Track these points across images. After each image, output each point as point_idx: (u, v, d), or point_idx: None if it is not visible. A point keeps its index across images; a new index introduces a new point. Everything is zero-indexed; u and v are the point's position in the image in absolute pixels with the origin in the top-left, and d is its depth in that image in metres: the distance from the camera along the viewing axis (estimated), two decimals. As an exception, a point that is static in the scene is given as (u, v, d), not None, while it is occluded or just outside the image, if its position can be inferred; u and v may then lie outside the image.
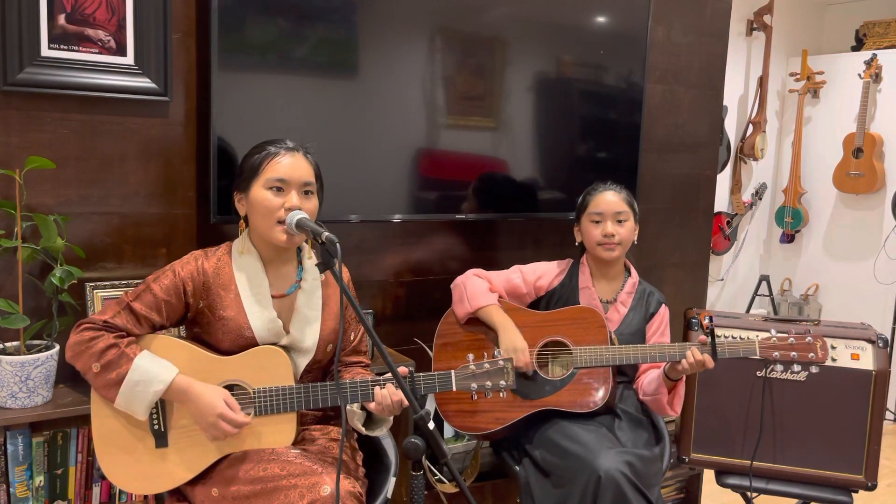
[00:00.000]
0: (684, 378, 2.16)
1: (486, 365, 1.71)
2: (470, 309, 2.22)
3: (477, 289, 2.24)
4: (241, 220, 1.78)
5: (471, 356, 1.76)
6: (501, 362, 1.70)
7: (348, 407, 1.73)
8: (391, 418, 1.74)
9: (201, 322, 1.73)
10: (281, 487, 1.54)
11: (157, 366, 1.62)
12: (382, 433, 1.78)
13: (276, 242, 1.70)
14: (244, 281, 1.73)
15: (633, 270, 2.35)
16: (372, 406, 1.69)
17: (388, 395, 1.66)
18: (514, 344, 2.14)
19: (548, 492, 2.02)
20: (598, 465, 1.91)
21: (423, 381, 1.71)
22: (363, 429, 1.74)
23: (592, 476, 1.90)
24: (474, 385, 1.71)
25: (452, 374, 1.71)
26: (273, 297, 1.75)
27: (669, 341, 2.29)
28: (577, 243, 2.35)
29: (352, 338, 1.89)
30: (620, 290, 2.30)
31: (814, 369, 2.05)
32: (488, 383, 1.71)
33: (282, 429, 1.69)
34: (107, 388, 1.61)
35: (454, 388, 1.71)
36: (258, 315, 1.72)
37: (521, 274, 2.33)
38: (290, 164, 1.70)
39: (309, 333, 1.76)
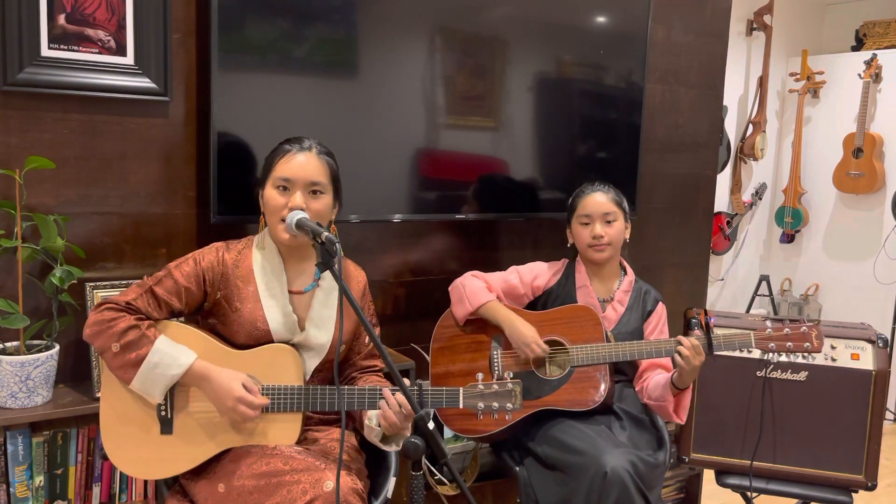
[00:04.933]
0: (691, 387, 2.16)
1: (495, 386, 1.71)
2: (471, 308, 2.22)
3: (476, 287, 2.24)
4: (262, 216, 1.80)
5: (480, 375, 1.76)
6: (510, 385, 1.70)
7: (366, 422, 1.74)
8: (408, 433, 1.72)
9: (217, 313, 1.75)
10: (284, 482, 1.55)
11: (176, 349, 1.64)
12: (399, 448, 1.76)
13: (280, 240, 1.72)
14: (263, 275, 1.75)
15: (628, 269, 2.35)
16: (382, 420, 1.69)
17: (396, 402, 1.65)
18: (524, 338, 2.14)
19: (550, 488, 2.02)
20: (605, 461, 1.91)
21: (430, 396, 1.71)
22: (381, 444, 1.74)
23: (599, 472, 1.90)
24: (481, 405, 1.71)
25: (461, 391, 1.72)
26: (291, 293, 1.77)
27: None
28: (568, 245, 2.35)
29: (366, 341, 1.89)
30: (617, 289, 2.30)
31: (812, 359, 2.05)
32: (495, 404, 1.71)
33: (286, 427, 1.70)
34: (124, 368, 1.62)
35: (461, 406, 1.71)
36: (274, 309, 1.73)
37: (517, 274, 2.33)
38: (297, 164, 1.71)
39: (323, 332, 1.77)
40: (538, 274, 2.33)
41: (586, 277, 2.29)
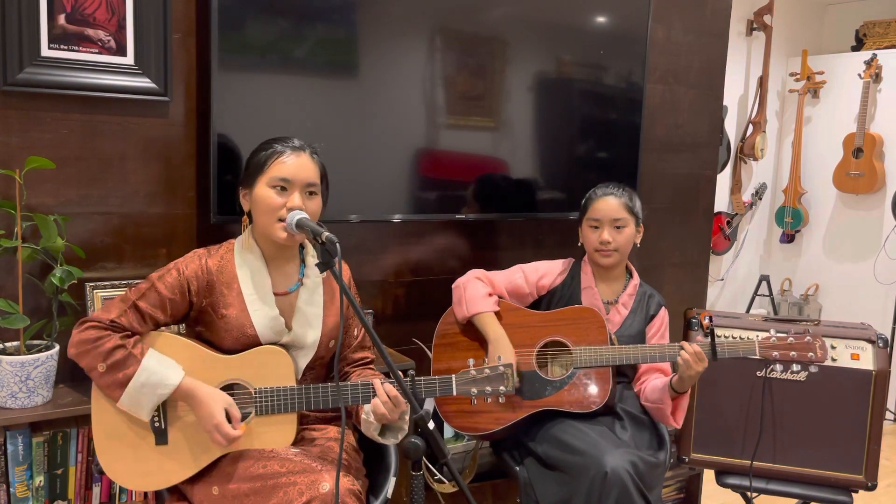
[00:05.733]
0: (689, 391, 2.16)
1: (487, 370, 1.71)
2: (466, 314, 2.22)
3: (476, 293, 2.23)
4: (245, 216, 1.79)
5: (471, 361, 1.77)
6: (502, 368, 1.71)
7: (363, 416, 1.74)
8: (406, 426, 1.73)
9: (204, 320, 1.74)
10: (281, 485, 1.55)
11: (163, 368, 1.63)
12: (397, 441, 1.77)
13: (276, 240, 1.71)
14: (247, 279, 1.74)
15: (634, 272, 2.34)
16: (373, 410, 1.69)
17: (384, 391, 1.66)
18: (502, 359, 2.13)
19: (550, 488, 2.02)
20: (605, 461, 1.91)
21: (423, 385, 1.71)
22: (379, 438, 1.74)
23: (599, 472, 1.90)
24: (474, 390, 1.71)
25: (453, 378, 1.72)
26: (275, 294, 1.76)
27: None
28: (579, 244, 2.35)
29: (355, 333, 1.89)
30: (622, 292, 2.29)
31: (813, 369, 2.05)
32: (488, 388, 1.71)
33: (282, 429, 1.70)
34: (112, 388, 1.61)
35: (455, 393, 1.72)
36: (260, 312, 1.72)
37: (523, 273, 2.32)
38: (294, 165, 1.71)
39: (311, 330, 1.77)
40: (544, 273, 2.33)
41: (592, 279, 2.29)
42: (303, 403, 1.70)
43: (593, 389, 2.12)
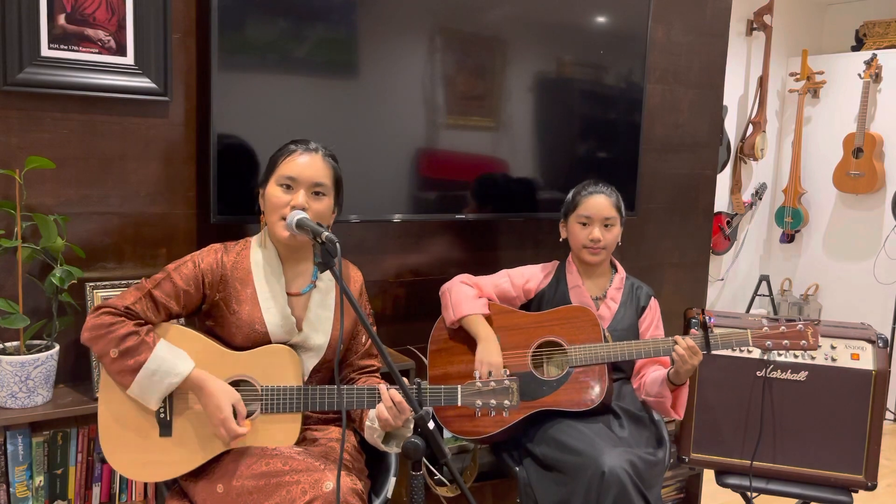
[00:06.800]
0: (688, 382, 2.16)
1: (493, 383, 1.71)
2: (454, 318, 2.22)
3: (462, 296, 2.24)
4: (262, 215, 1.80)
5: (478, 373, 1.77)
6: (507, 382, 1.71)
7: (367, 423, 1.74)
8: (409, 434, 1.72)
9: (215, 315, 1.75)
10: (284, 483, 1.55)
11: (174, 357, 1.64)
12: (400, 450, 1.76)
13: (279, 238, 1.72)
14: (261, 277, 1.75)
15: (618, 266, 2.35)
16: (377, 416, 1.69)
17: (389, 396, 1.66)
18: (488, 359, 2.13)
19: (550, 489, 2.02)
20: (603, 461, 1.91)
21: (428, 394, 1.72)
22: (382, 445, 1.74)
23: (597, 472, 1.90)
24: (479, 402, 1.72)
25: (459, 389, 1.72)
26: (288, 294, 1.77)
27: (664, 334, 2.29)
28: (560, 239, 2.35)
29: (363, 340, 1.90)
30: (609, 287, 2.30)
31: (812, 359, 2.05)
32: (493, 402, 1.71)
33: (286, 428, 1.70)
34: (123, 374, 1.62)
35: (459, 404, 1.72)
36: (272, 311, 1.73)
37: (508, 278, 2.32)
38: (302, 164, 1.72)
39: (321, 333, 1.78)
40: (529, 277, 2.33)
41: (578, 277, 2.29)
42: (308, 404, 1.70)
43: (590, 387, 2.12)
